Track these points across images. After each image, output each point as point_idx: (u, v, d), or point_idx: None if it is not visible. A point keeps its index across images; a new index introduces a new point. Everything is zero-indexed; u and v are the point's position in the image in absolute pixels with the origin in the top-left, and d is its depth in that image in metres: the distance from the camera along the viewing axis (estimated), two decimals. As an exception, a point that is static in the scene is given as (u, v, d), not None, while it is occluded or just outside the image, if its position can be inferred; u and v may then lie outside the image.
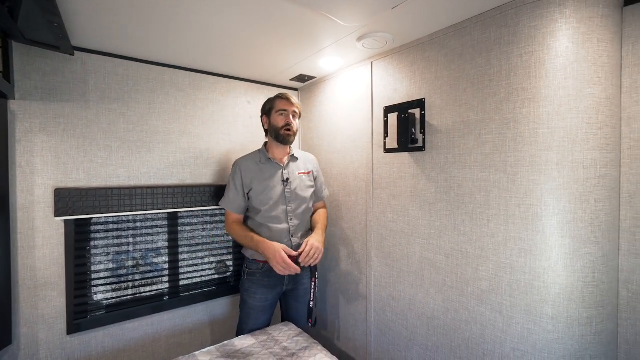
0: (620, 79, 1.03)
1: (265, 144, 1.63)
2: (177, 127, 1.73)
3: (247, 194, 1.52)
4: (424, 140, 1.35)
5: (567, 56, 0.98)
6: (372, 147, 1.62)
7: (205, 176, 1.81)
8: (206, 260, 1.87)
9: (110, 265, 1.59)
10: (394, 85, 1.49)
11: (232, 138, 1.90)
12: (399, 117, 1.41)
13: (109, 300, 1.59)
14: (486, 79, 1.15)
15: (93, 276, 1.54)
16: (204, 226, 1.87)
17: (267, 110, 1.56)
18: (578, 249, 0.99)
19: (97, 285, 1.55)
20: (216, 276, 1.90)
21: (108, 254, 1.58)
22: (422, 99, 1.34)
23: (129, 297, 1.64)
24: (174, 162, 1.71)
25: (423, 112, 1.34)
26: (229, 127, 1.89)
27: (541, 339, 1.04)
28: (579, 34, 0.98)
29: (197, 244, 1.84)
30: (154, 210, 1.62)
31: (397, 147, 1.45)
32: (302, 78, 1.93)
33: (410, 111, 1.38)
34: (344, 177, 1.82)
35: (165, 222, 1.75)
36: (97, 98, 1.50)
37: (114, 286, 1.60)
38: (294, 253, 1.42)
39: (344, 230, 1.83)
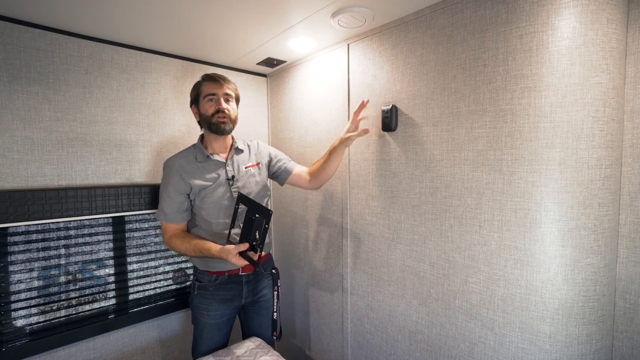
0: (625, 67, 0.92)
1: (202, 137, 1.35)
2: (122, 116, 1.46)
3: (189, 195, 1.26)
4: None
5: (573, 38, 0.85)
6: (349, 141, 1.44)
7: (158, 174, 1.55)
8: (160, 269, 1.63)
9: (36, 284, 1.32)
10: (373, 70, 1.32)
11: (190, 129, 1.66)
12: None
13: (34, 326, 1.31)
14: (480, 64, 1.00)
15: (12, 298, 1.26)
16: (158, 231, 1.62)
17: (195, 97, 1.27)
18: (579, 259, 0.88)
19: (16, 309, 1.27)
20: (173, 287, 1.67)
21: (31, 270, 1.30)
22: None
23: (62, 319, 1.37)
24: (118, 157, 1.45)
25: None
26: (187, 116, 1.64)
27: (537, 359, 0.92)
28: (588, 13, 0.84)
29: (149, 252, 1.60)
30: (93, 215, 1.36)
31: None
32: (270, 62, 1.70)
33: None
34: (317, 174, 1.63)
35: (109, 229, 1.49)
36: (9, 77, 1.21)
37: (42, 308, 1.33)
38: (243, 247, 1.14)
39: (317, 233, 1.66)
